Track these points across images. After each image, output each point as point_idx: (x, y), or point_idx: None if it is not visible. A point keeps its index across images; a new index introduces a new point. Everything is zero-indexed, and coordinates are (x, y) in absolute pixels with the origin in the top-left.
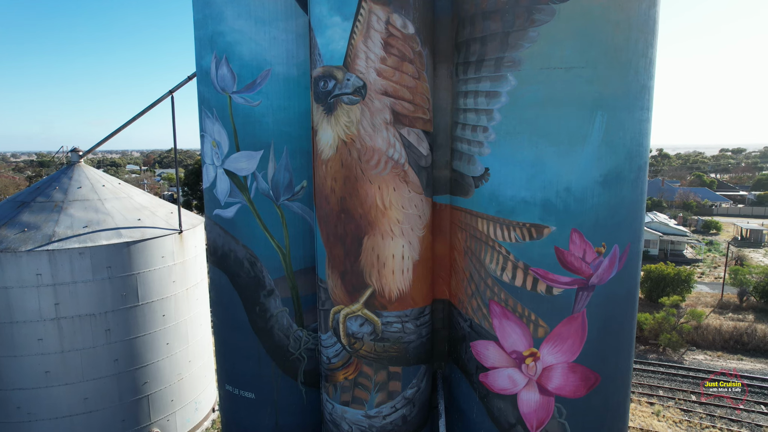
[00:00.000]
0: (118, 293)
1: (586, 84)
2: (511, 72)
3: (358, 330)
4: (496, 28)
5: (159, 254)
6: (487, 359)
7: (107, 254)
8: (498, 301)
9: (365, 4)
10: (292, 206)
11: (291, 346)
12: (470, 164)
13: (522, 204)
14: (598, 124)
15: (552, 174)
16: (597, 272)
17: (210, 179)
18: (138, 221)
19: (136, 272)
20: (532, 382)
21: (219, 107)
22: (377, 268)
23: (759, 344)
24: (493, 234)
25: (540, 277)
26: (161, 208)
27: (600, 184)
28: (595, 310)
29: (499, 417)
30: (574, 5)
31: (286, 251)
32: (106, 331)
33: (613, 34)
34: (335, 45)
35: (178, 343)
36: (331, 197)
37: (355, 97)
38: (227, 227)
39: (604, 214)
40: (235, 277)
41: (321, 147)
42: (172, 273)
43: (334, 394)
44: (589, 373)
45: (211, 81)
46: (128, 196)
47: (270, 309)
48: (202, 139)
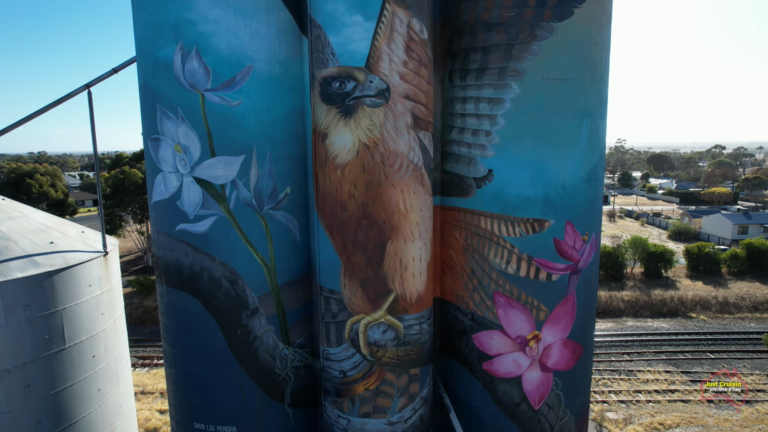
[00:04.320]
0: (39, 337)
1: (576, 94)
2: (515, 81)
3: (380, 337)
4: (500, 40)
5: (86, 283)
6: (492, 348)
7: (24, 290)
8: (503, 292)
9: (389, 5)
10: (277, 215)
11: (277, 367)
12: (471, 166)
13: (526, 201)
14: (585, 129)
15: (551, 173)
16: (583, 257)
17: (170, 190)
18: (51, 245)
19: (61, 308)
20: (534, 362)
21: (186, 106)
22: (400, 272)
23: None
24: (497, 230)
25: (541, 266)
26: (67, 226)
27: (585, 181)
28: (581, 290)
29: (504, 399)
30: (569, 25)
31: (271, 265)
32: (25, 389)
33: (593, 52)
34: (356, 45)
35: (110, 386)
36: (349, 203)
37: (379, 100)
38: (198, 244)
39: (587, 207)
40: (210, 300)
41: (334, 151)
42: (100, 304)
43: (351, 408)
44: (576, 346)
45: (173, 76)
46: (23, 214)
47: (254, 330)
48: (154, 143)
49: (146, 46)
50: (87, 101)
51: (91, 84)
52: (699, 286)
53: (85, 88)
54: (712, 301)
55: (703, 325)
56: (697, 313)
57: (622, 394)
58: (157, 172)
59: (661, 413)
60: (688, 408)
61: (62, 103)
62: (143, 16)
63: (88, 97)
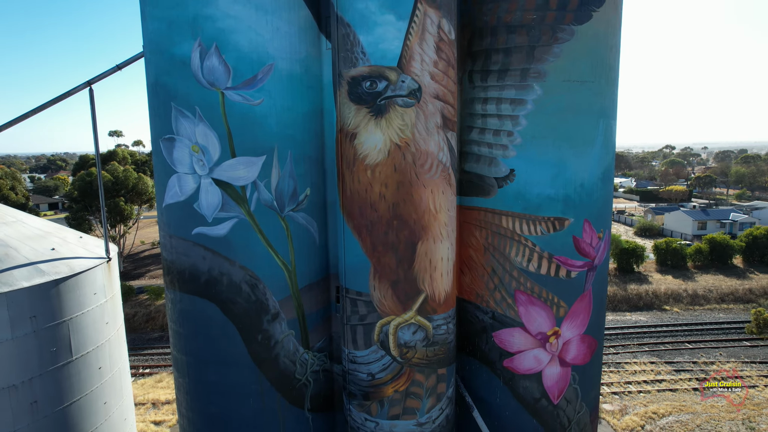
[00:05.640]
0: (46, 350)
1: (594, 96)
2: (537, 82)
3: (410, 338)
4: (522, 42)
5: (91, 291)
6: (513, 345)
7: (30, 299)
8: (524, 290)
9: (420, 5)
10: (297, 217)
11: (297, 372)
12: (492, 166)
13: (547, 200)
14: (601, 129)
15: (571, 173)
16: (598, 254)
17: (186, 192)
18: (53, 251)
19: (67, 318)
20: (554, 358)
21: (205, 105)
22: (429, 273)
23: None
24: (519, 229)
25: (562, 263)
26: (65, 232)
27: (601, 180)
28: (596, 286)
29: (525, 395)
30: (588, 28)
31: (291, 268)
32: (32, 405)
33: (608, 54)
34: (388, 44)
35: (115, 399)
36: (379, 204)
37: (410, 100)
38: (217, 247)
39: (602, 205)
40: (229, 305)
41: (364, 151)
42: (104, 312)
43: (380, 410)
44: (592, 340)
45: (191, 73)
46: (18, 219)
47: (275, 335)
48: (167, 144)
49: (160, 42)
50: (89, 99)
51: (93, 81)
52: (669, 279)
53: (87, 85)
54: (683, 294)
55: (677, 317)
56: (670, 306)
57: (614, 386)
58: (170, 173)
59: (653, 403)
60: (677, 396)
61: (63, 100)
62: (156, 11)
63: (90, 94)
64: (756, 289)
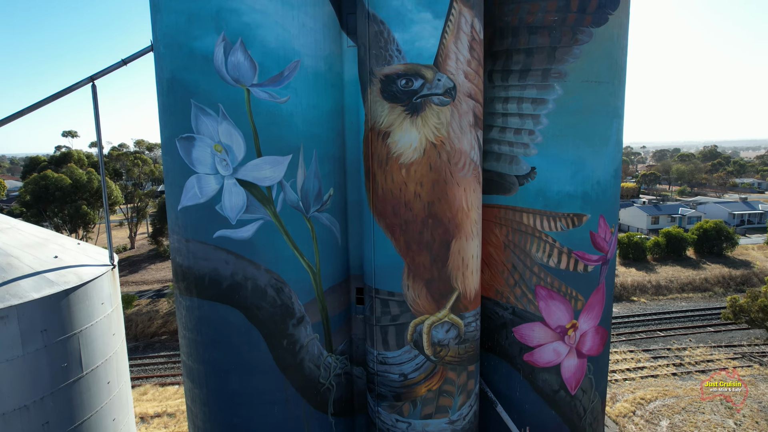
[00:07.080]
0: (58, 366)
1: (609, 96)
2: (558, 82)
3: (444, 337)
4: (544, 42)
5: (99, 300)
6: (533, 339)
7: (41, 312)
8: (544, 284)
9: (456, 4)
10: (321, 218)
11: (322, 376)
12: (513, 164)
13: (567, 197)
14: (615, 128)
15: (589, 170)
16: (610, 248)
17: (207, 193)
18: (56, 260)
19: (77, 330)
20: (572, 350)
21: (229, 102)
22: (461, 270)
23: None
24: (539, 226)
25: (579, 258)
26: (61, 238)
27: (613, 177)
28: (608, 278)
29: (544, 387)
30: (605, 30)
31: (316, 270)
32: (44, 426)
33: (621, 55)
34: (424, 42)
35: (123, 414)
36: (414, 203)
37: (446, 99)
38: (241, 251)
39: (613, 201)
40: (254, 310)
41: (398, 150)
42: (111, 323)
43: (413, 410)
44: (604, 331)
45: (213, 69)
46: (12, 226)
47: (300, 339)
48: (185, 143)
49: (178, 36)
50: (91, 95)
51: (97, 76)
52: (633, 272)
53: (90, 80)
54: (648, 285)
55: (645, 307)
56: (637, 297)
57: None
58: (187, 174)
59: (639, 389)
60: (659, 382)
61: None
62: (174, 3)
63: (92, 90)
64: (710, 278)
